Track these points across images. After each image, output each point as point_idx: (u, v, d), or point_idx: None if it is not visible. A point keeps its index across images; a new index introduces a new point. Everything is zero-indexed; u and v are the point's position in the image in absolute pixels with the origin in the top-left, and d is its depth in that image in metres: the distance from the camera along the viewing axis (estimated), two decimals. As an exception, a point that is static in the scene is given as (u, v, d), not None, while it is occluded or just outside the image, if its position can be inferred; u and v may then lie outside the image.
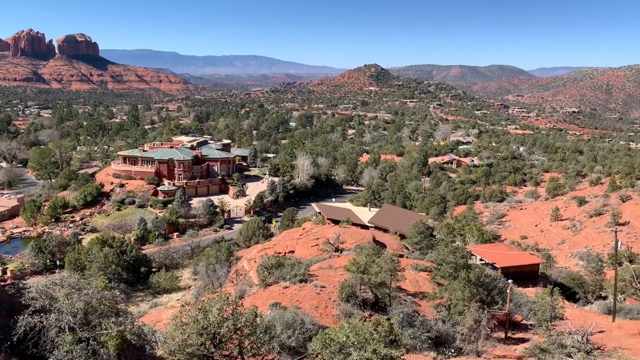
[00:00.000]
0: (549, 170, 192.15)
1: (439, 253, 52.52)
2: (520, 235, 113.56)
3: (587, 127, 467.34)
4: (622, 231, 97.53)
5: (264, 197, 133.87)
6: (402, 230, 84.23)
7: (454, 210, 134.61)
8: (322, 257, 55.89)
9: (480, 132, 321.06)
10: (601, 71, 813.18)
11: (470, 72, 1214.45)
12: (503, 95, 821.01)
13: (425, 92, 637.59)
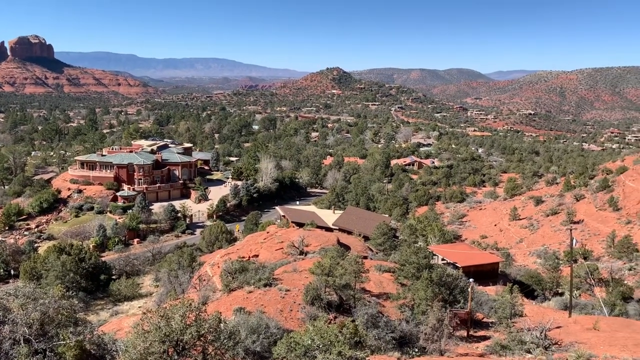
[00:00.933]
0: (507, 171, 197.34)
1: (402, 254, 53.12)
2: (480, 234, 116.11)
3: (543, 129, 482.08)
4: (576, 229, 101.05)
5: (227, 201, 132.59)
6: (366, 231, 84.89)
7: (416, 211, 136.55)
8: (287, 260, 55.75)
9: (441, 134, 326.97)
10: (555, 74, 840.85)
11: (430, 75, 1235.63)
12: (462, 98, 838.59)
13: (386, 95, 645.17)
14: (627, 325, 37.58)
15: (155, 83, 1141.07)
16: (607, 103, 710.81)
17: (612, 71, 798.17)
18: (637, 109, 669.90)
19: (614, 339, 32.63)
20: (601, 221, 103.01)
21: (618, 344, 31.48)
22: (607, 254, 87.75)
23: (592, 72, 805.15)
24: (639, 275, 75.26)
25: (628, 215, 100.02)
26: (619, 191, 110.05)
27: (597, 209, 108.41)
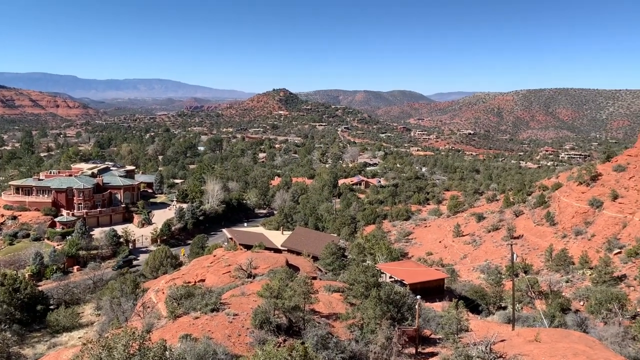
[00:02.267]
0: (450, 188, 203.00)
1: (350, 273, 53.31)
2: (426, 251, 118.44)
3: (482, 148, 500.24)
4: (517, 244, 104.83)
5: (172, 224, 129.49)
6: (314, 252, 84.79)
7: (363, 230, 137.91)
8: (235, 284, 54.84)
9: (386, 154, 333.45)
10: (493, 96, 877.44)
11: (374, 97, 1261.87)
12: (405, 118, 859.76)
13: (333, 116, 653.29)
14: (566, 336, 39.07)
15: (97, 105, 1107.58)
16: (541, 123, 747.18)
17: (545, 92, 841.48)
18: (568, 128, 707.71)
19: (554, 350, 33.83)
20: (539, 236, 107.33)
21: (558, 355, 32.67)
22: (546, 267, 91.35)
23: (527, 93, 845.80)
24: (575, 287, 78.63)
25: (564, 229, 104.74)
26: (554, 206, 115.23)
27: (535, 224, 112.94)
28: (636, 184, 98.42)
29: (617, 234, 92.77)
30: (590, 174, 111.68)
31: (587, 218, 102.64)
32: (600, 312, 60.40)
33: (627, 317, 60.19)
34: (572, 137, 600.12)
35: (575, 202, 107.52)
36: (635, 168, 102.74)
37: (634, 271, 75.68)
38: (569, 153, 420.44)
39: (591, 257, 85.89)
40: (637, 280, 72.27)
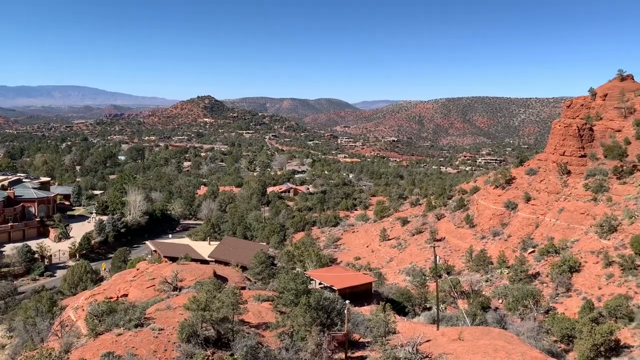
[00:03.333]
0: (376, 194, 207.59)
1: (280, 281, 53.04)
2: (354, 256, 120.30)
3: (406, 154, 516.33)
4: (439, 246, 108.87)
5: (92, 238, 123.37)
6: (243, 261, 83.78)
7: (293, 237, 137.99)
8: (160, 297, 53.00)
9: (314, 161, 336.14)
10: (414, 104, 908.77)
11: (301, 104, 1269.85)
12: (332, 126, 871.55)
13: (260, 123, 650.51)
14: (487, 333, 40.92)
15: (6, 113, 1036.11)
16: (459, 130, 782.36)
17: (463, 101, 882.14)
18: (484, 134, 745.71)
19: (476, 347, 35.32)
20: (460, 237, 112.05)
21: (480, 351, 34.14)
22: (467, 267, 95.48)
23: (446, 101, 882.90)
24: (494, 285, 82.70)
25: (482, 230, 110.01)
26: (473, 209, 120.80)
27: (456, 227, 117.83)
28: (546, 187, 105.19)
29: (530, 234, 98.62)
30: (505, 178, 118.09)
31: (504, 219, 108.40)
32: (517, 309, 63.89)
33: (541, 312, 64.07)
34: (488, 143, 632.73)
35: (492, 205, 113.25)
36: (545, 171, 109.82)
37: (546, 268, 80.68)
38: (485, 158, 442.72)
39: (508, 257, 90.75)
40: (549, 277, 77.08)
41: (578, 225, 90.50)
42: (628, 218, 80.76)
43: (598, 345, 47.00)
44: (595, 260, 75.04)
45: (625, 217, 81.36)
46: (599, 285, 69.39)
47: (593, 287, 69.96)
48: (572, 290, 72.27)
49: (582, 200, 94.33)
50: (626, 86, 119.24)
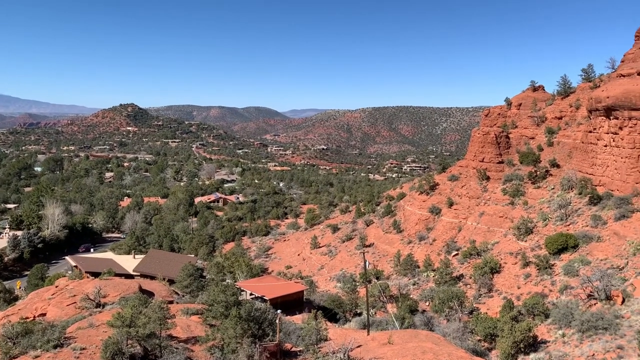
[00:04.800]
0: (306, 202, 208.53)
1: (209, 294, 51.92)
2: (285, 265, 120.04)
3: (335, 162, 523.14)
4: (368, 252, 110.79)
5: (4, 255, 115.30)
6: (171, 275, 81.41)
7: (223, 248, 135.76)
8: (82, 315, 50.34)
9: (243, 170, 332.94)
10: (342, 113, 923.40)
11: (229, 112, 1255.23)
12: (261, 134, 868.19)
13: (187, 132, 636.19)
14: (415, 336, 42.05)
15: None
16: (386, 138, 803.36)
17: (388, 110, 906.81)
18: (409, 142, 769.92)
19: (405, 350, 36.19)
20: (388, 243, 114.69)
21: (409, 354, 35.01)
22: (395, 272, 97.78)
23: (373, 110, 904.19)
24: (421, 288, 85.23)
25: (409, 235, 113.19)
26: (400, 215, 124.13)
27: (384, 232, 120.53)
28: (467, 192, 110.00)
29: (454, 238, 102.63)
30: (429, 184, 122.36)
31: (429, 224, 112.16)
32: (443, 311, 66.11)
33: (466, 312, 66.68)
34: (413, 151, 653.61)
35: (418, 210, 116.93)
36: (466, 177, 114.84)
37: (469, 270, 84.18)
38: (410, 165, 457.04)
39: (433, 260, 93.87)
40: (472, 279, 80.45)
41: (497, 228, 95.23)
42: (542, 220, 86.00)
43: (518, 342, 49.49)
44: (514, 261, 79.19)
45: (539, 220, 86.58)
46: (517, 285, 73.22)
47: (512, 286, 73.73)
48: (494, 290, 75.81)
49: (501, 204, 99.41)
50: (538, 96, 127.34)
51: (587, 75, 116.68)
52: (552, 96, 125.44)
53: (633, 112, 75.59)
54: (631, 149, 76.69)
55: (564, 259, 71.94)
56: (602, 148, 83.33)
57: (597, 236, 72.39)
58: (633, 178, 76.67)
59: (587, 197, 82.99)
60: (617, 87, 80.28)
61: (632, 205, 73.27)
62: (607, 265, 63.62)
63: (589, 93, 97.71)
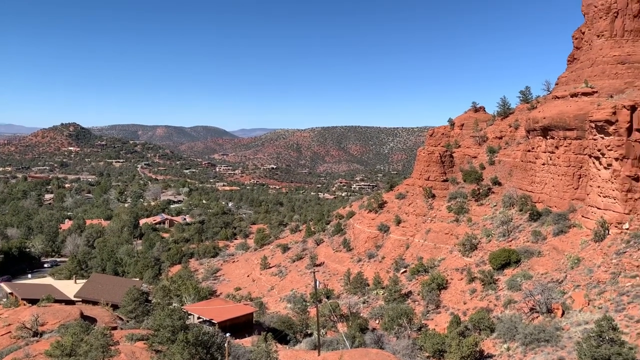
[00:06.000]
0: (256, 222, 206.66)
1: (155, 318, 50.49)
2: (234, 287, 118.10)
3: (285, 181, 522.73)
4: (319, 271, 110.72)
5: None
6: (114, 300, 78.55)
7: (169, 271, 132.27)
8: (17, 345, 47.66)
9: (191, 190, 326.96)
10: (292, 132, 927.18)
11: (176, 132, 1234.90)
12: (209, 154, 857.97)
13: (131, 152, 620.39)
14: (366, 354, 42.17)
15: None
16: (335, 157, 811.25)
17: (337, 130, 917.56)
18: (358, 162, 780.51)
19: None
20: (338, 261, 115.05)
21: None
22: (345, 290, 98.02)
23: (322, 130, 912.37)
24: (371, 307, 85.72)
25: (359, 253, 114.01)
26: (350, 233, 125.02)
27: (334, 251, 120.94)
28: (415, 210, 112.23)
29: (402, 255, 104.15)
30: (377, 202, 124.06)
31: (378, 242, 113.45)
32: (392, 328, 66.68)
33: (415, 329, 67.49)
34: (362, 170, 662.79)
35: (367, 228, 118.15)
36: (413, 195, 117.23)
37: (417, 287, 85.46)
38: (359, 184, 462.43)
39: (383, 278, 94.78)
40: (420, 295, 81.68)
41: (444, 244, 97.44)
42: (486, 236, 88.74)
43: (465, 357, 50.52)
44: (460, 277, 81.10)
45: (483, 236, 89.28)
46: (464, 300, 74.91)
47: (459, 302, 75.37)
48: (441, 306, 77.21)
49: (446, 222, 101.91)
50: (479, 117, 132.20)
51: (525, 97, 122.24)
52: (492, 117, 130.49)
53: (567, 132, 79.68)
54: (567, 167, 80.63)
55: (508, 274, 74.32)
56: (540, 166, 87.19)
57: (538, 251, 75.31)
58: (569, 195, 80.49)
59: (527, 213, 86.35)
60: (552, 108, 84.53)
61: (569, 220, 76.78)
62: (548, 279, 66.16)
63: (526, 114, 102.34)
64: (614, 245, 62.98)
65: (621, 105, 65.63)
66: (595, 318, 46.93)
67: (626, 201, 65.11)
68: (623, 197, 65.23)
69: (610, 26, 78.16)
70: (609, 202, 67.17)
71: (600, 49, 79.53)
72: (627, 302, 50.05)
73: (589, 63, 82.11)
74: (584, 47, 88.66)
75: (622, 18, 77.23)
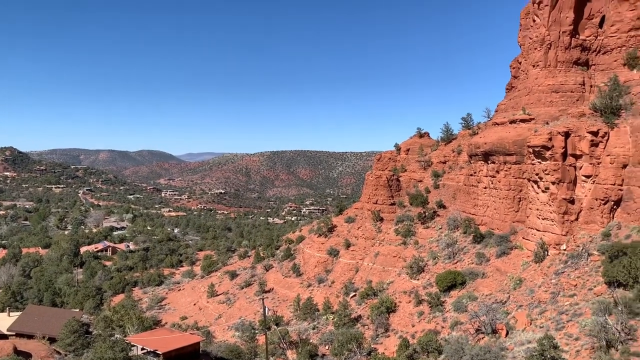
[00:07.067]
0: (203, 248, 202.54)
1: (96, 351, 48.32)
2: (180, 316, 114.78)
3: (233, 206, 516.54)
4: (268, 298, 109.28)
5: None
6: (52, 332, 74.48)
7: (111, 300, 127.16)
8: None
9: (135, 216, 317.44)
10: (241, 156, 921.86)
11: (120, 156, 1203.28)
12: (155, 179, 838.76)
13: (73, 177, 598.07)
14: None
15: None
16: (284, 181, 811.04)
17: (287, 154, 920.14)
18: (307, 185, 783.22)
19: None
20: (288, 287, 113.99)
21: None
22: (295, 316, 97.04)
23: (271, 154, 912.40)
24: (321, 332, 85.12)
25: (308, 278, 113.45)
26: (299, 258, 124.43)
27: (284, 276, 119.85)
28: (363, 233, 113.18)
29: (352, 279, 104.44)
30: (327, 226, 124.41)
31: (327, 266, 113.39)
32: (342, 353, 66.36)
33: (364, 354, 67.43)
34: (311, 194, 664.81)
35: (317, 253, 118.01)
36: (362, 219, 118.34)
37: (366, 311, 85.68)
38: (309, 208, 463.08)
39: (333, 302, 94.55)
40: (370, 319, 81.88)
41: (392, 267, 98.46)
42: (432, 259, 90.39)
43: (414, 379, 50.74)
44: (408, 300, 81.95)
45: (429, 258, 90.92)
46: (412, 323, 75.61)
47: (407, 325, 76.00)
48: (390, 329, 77.58)
49: (394, 244, 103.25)
50: (424, 142, 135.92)
51: (467, 123, 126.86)
52: (436, 142, 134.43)
53: (507, 157, 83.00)
54: (507, 191, 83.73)
55: (454, 296, 75.75)
56: (482, 190, 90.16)
57: (482, 272, 77.32)
58: (510, 217, 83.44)
59: (471, 235, 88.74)
60: (492, 134, 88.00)
61: (511, 242, 79.44)
62: (492, 300, 67.87)
63: (468, 139, 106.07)
64: (553, 265, 65.52)
65: (556, 131, 69.10)
66: (537, 337, 48.38)
67: (563, 223, 68.09)
68: (560, 219, 68.20)
69: (545, 57, 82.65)
70: (547, 224, 70.05)
71: (536, 78, 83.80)
72: (566, 320, 51.91)
73: (525, 91, 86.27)
74: (521, 76, 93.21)
75: (555, 49, 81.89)
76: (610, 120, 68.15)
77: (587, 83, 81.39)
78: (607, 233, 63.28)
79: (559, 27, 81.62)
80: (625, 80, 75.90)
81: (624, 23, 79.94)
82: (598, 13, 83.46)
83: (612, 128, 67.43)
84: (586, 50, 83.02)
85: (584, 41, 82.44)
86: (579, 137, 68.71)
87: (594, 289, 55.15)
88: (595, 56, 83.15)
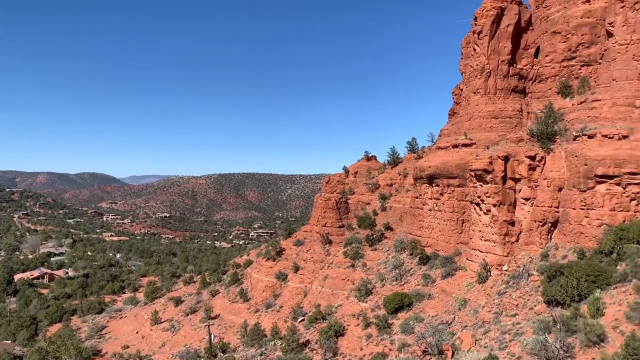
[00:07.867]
0: (147, 274, 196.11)
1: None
2: (122, 345, 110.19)
3: (178, 230, 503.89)
4: (214, 324, 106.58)
5: None
6: (-22, 367, 69.50)
7: (47, 330, 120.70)
8: None
9: (75, 241, 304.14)
10: (187, 179, 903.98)
11: (60, 179, 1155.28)
12: (97, 202, 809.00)
13: (8, 200, 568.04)
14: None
15: None
16: (232, 204, 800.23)
17: (235, 177, 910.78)
18: (256, 208, 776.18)
19: None
20: (235, 313, 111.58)
21: None
22: (242, 343, 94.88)
23: (219, 177, 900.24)
24: (269, 358, 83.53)
25: (256, 304, 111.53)
26: (247, 283, 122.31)
27: (231, 302, 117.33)
28: (312, 256, 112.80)
29: (300, 303, 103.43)
30: (275, 250, 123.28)
31: (276, 291, 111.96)
32: (290, 379, 65.08)
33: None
34: (260, 217, 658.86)
35: (265, 277, 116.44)
36: (310, 242, 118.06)
37: (315, 335, 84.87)
38: (257, 231, 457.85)
39: (281, 328, 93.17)
40: (318, 344, 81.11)
41: (340, 290, 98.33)
42: (380, 281, 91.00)
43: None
44: (357, 323, 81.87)
45: (377, 280, 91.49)
46: (360, 347, 75.43)
47: (356, 348, 75.75)
48: (339, 354, 77.05)
49: (343, 267, 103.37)
50: (371, 165, 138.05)
51: (412, 147, 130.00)
52: (383, 165, 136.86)
53: (450, 180, 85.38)
54: (451, 213, 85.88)
55: (401, 318, 76.31)
56: (427, 212, 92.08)
57: (428, 294, 78.45)
58: (454, 239, 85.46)
59: (417, 257, 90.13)
60: (436, 158, 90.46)
61: (455, 263, 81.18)
62: (438, 321, 68.81)
63: (414, 163, 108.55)
64: (496, 286, 67.34)
65: (496, 155, 71.82)
66: (482, 357, 49.28)
67: (504, 244, 70.36)
68: (501, 241, 70.46)
69: (485, 84, 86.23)
70: (490, 245, 72.16)
71: (477, 105, 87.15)
72: (509, 339, 53.20)
73: (467, 117, 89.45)
74: (463, 102, 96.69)
75: (494, 77, 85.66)
76: (546, 146, 71.56)
77: (524, 110, 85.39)
78: (545, 254, 65.80)
79: (498, 56, 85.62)
80: (559, 107, 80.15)
81: (557, 54, 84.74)
82: (534, 44, 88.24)
83: (548, 153, 70.81)
84: (523, 79, 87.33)
85: (521, 70, 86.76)
86: (517, 161, 71.67)
87: (534, 308, 56.93)
88: (532, 84, 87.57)
